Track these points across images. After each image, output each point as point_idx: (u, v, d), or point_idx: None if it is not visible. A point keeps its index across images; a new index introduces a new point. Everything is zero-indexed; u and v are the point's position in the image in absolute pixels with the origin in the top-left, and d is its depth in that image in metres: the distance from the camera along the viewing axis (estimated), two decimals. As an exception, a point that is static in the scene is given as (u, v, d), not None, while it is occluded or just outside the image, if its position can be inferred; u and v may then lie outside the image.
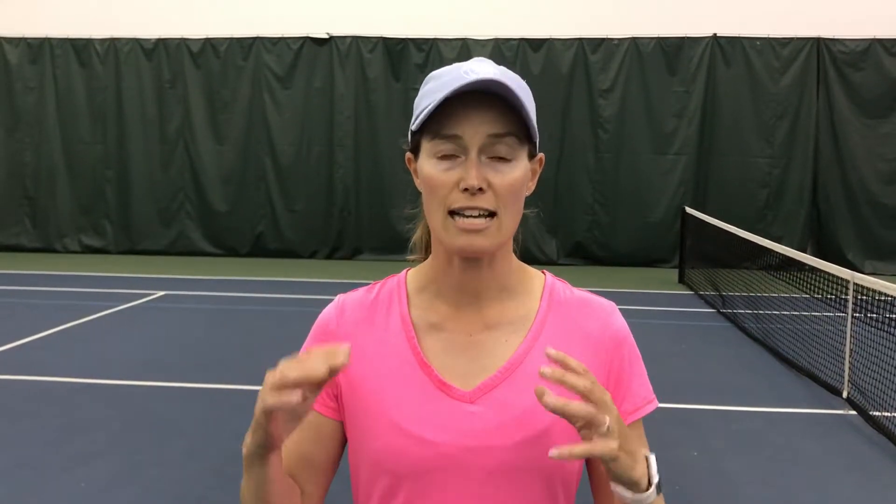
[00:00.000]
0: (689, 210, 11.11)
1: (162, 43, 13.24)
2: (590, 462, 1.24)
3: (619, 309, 1.29)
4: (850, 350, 5.57)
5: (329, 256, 13.19)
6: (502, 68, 1.12)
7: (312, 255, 13.22)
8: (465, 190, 1.08)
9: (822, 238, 12.60)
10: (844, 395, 5.53)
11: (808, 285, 7.02)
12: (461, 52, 12.71)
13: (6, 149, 13.49)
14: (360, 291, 1.27)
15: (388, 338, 1.19)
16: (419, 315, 1.21)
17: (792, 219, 12.58)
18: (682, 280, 11.07)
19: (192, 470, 4.32)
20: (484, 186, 1.08)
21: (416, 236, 1.33)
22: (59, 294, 9.55)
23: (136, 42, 13.26)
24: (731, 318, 8.36)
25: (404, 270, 1.29)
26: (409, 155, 1.21)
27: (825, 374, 6.00)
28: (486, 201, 1.09)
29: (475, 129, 1.08)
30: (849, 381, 5.55)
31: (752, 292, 8.47)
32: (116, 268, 11.77)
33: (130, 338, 7.37)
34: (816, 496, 4.12)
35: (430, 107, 1.08)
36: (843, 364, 5.65)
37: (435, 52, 12.82)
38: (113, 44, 13.29)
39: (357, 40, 12.96)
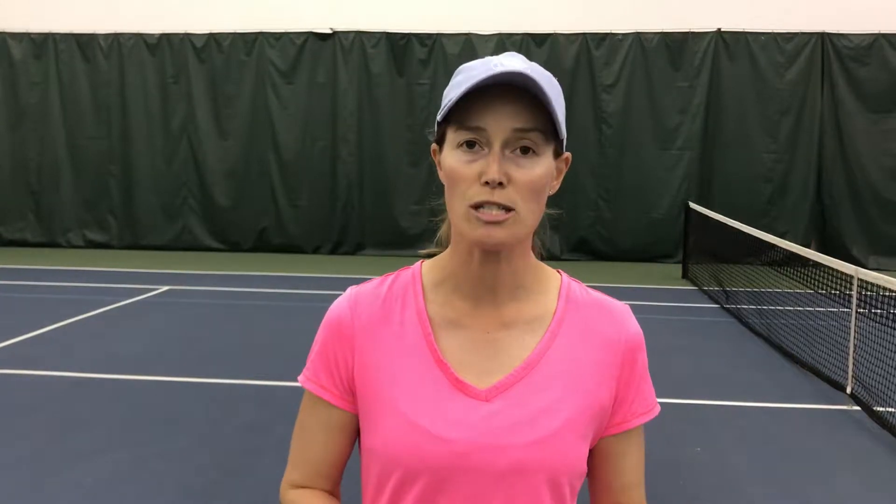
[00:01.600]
0: (692, 205, 11.09)
1: (165, 38, 13.24)
2: (592, 459, 1.25)
3: None
4: (855, 346, 5.56)
5: (332, 252, 13.20)
6: (533, 64, 1.11)
7: (316, 251, 13.24)
8: (486, 183, 1.07)
9: (827, 233, 12.58)
10: (848, 390, 5.52)
11: (813, 281, 7.00)
12: (464, 48, 12.68)
13: (10, 144, 13.52)
14: (373, 284, 1.25)
15: (404, 333, 1.19)
16: (436, 310, 1.20)
17: (796, 214, 12.55)
18: (685, 275, 11.06)
19: (196, 464, 4.32)
20: (504, 181, 1.07)
21: (443, 230, 1.30)
22: (63, 289, 9.57)
23: (140, 37, 13.26)
24: (735, 314, 8.34)
25: (418, 263, 1.27)
26: (434, 146, 1.20)
27: (829, 369, 5.99)
28: (505, 197, 1.08)
29: (500, 123, 1.08)
30: (853, 376, 5.54)
31: (756, 288, 8.46)
32: (120, 262, 11.79)
33: (134, 333, 7.39)
34: (820, 491, 4.11)
35: (455, 96, 1.08)
36: (847, 360, 5.64)
37: (438, 48, 12.80)
38: (116, 39, 13.30)
39: (360, 35, 12.95)
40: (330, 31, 12.99)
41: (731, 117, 12.55)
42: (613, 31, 12.59)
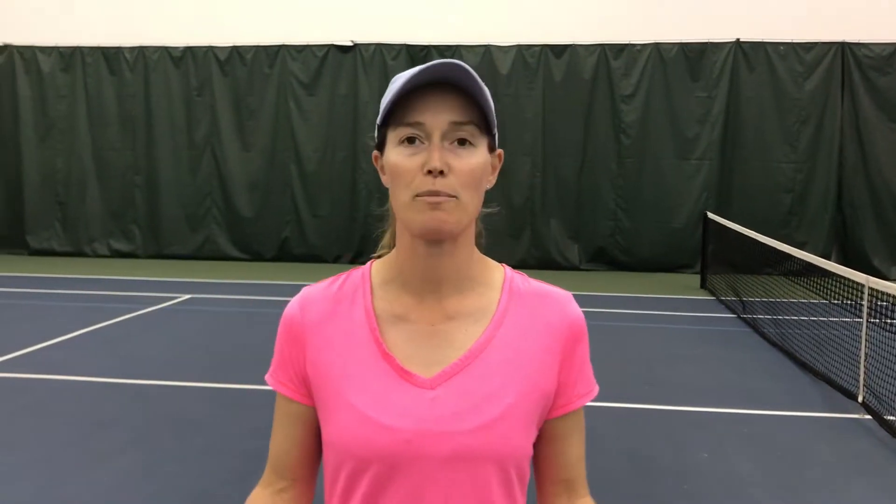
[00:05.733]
0: (710, 215, 11.09)
1: (190, 51, 13.48)
2: (538, 441, 1.29)
3: (639, 314, 1.36)
4: (866, 354, 5.56)
5: (353, 261, 13.31)
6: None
7: (336, 260, 13.37)
8: (429, 172, 1.14)
9: (847, 244, 12.50)
10: (860, 399, 5.52)
11: (827, 291, 7.00)
12: (484, 59, 12.78)
13: (39, 155, 13.81)
14: (324, 284, 1.31)
15: (353, 329, 1.24)
16: (383, 307, 1.25)
17: (816, 224, 12.50)
18: (703, 285, 11.05)
19: (210, 467, 4.42)
20: (445, 169, 1.14)
21: (387, 237, 1.37)
22: (88, 297, 9.76)
23: (165, 50, 13.51)
24: (751, 324, 8.34)
25: (369, 262, 1.33)
26: (375, 152, 1.27)
27: (841, 378, 5.99)
28: (447, 185, 1.14)
29: (437, 117, 1.15)
30: (864, 385, 5.54)
31: (772, 298, 8.45)
32: (144, 271, 11.99)
33: (156, 339, 7.53)
34: (827, 498, 4.13)
35: (394, 95, 1.15)
36: (859, 368, 5.64)
37: (458, 59, 12.86)
38: (142, 52, 13.56)
39: (381, 47, 13.11)
40: (351, 44, 13.16)
41: (751, 127, 12.52)
42: (632, 42, 12.63)
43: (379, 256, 1.36)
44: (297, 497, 1.33)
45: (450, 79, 1.15)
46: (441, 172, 1.14)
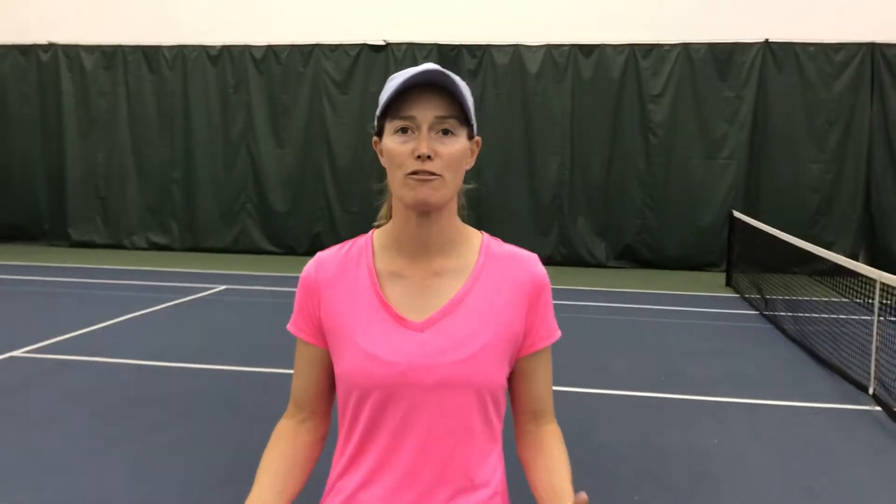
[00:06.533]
0: (736, 214, 11.18)
1: (227, 50, 13.84)
2: (512, 379, 1.58)
3: (663, 311, 1.62)
4: (877, 348, 5.68)
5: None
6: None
7: (367, 255, 13.58)
8: (419, 157, 1.41)
9: (876, 245, 12.48)
10: (871, 391, 5.65)
11: (843, 287, 7.11)
12: (513, 58, 12.98)
13: (81, 150, 14.26)
14: (335, 248, 1.62)
15: (358, 285, 1.54)
16: (382, 266, 1.55)
17: (844, 225, 12.50)
18: (729, 283, 11.15)
19: (244, 442, 4.68)
20: (432, 154, 1.42)
21: (384, 209, 1.66)
22: (127, 287, 10.12)
23: (203, 49, 13.89)
24: (773, 320, 8.45)
25: (371, 231, 1.63)
26: (375, 138, 1.56)
27: (855, 372, 6.11)
28: (433, 166, 1.42)
29: (425, 112, 1.43)
30: (875, 377, 5.66)
31: (793, 295, 8.56)
32: (181, 263, 12.37)
33: (192, 326, 7.85)
34: (830, 483, 4.28)
35: (391, 93, 1.43)
36: (871, 361, 5.77)
37: (488, 58, 13.12)
38: (181, 51, 13.95)
39: (412, 47, 13.36)
40: (383, 43, 13.43)
41: (779, 127, 12.56)
42: (661, 42, 12.75)
43: (379, 226, 1.65)
44: (316, 426, 1.63)
45: (435, 81, 1.42)
46: (428, 157, 1.41)
